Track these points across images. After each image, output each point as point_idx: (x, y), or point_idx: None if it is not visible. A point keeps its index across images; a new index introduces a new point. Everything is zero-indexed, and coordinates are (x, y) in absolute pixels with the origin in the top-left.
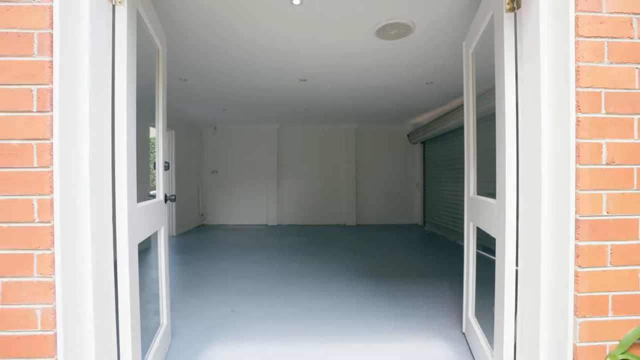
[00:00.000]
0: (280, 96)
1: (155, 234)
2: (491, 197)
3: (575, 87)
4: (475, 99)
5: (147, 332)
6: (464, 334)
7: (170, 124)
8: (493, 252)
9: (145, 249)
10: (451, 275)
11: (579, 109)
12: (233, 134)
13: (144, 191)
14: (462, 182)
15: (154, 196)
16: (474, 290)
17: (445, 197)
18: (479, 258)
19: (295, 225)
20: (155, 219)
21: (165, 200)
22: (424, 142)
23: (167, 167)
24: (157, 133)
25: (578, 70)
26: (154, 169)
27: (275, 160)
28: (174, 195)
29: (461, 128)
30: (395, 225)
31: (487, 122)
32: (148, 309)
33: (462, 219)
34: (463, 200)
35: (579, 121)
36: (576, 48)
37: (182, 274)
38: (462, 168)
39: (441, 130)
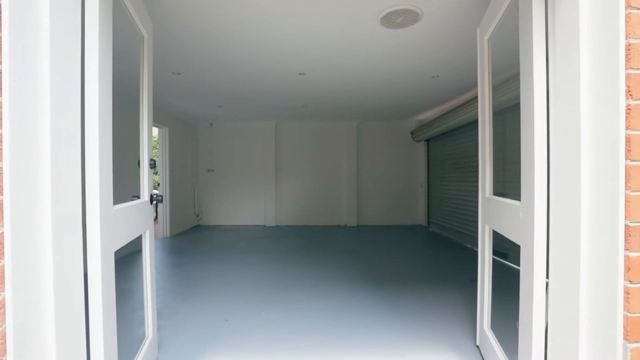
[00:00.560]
0: (278, 91)
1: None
2: (505, 198)
3: (625, 69)
4: (492, 91)
5: (133, 344)
6: (478, 347)
7: (164, 121)
8: (505, 256)
9: (137, 251)
10: (460, 280)
11: (630, 95)
12: (229, 131)
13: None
14: (470, 181)
15: (162, 197)
16: (489, 301)
17: (451, 197)
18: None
19: (293, 226)
20: (139, 221)
21: (152, 201)
22: (428, 140)
23: (152, 164)
24: (141, 127)
25: (629, 49)
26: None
27: (273, 159)
28: (161, 196)
29: (470, 124)
30: (398, 226)
31: (499, 116)
32: (136, 317)
33: (469, 220)
34: (470, 201)
35: (630, 109)
36: (627, 22)
37: (174, 278)
38: (470, 167)
39: (447, 126)
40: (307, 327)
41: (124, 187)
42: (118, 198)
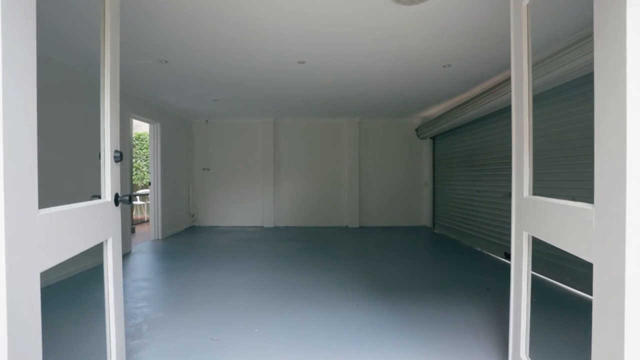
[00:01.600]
0: (276, 82)
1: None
2: (557, 199)
3: None
4: (531, 69)
5: None
6: None
7: (155, 116)
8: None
9: (126, 254)
10: (476, 290)
11: None
12: (226, 127)
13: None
14: (481, 180)
15: (129, 197)
16: (527, 324)
17: (459, 197)
18: (502, 268)
19: (293, 227)
20: (95, 228)
21: (117, 202)
22: (433, 138)
23: (118, 157)
24: (102, 109)
25: None
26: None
27: (271, 157)
28: (128, 196)
29: (482, 119)
30: (402, 227)
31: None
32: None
33: (480, 222)
34: (481, 201)
35: None
36: None
37: (162, 286)
38: (482, 165)
39: (456, 122)
40: (306, 349)
41: (90, 185)
42: (76, 198)
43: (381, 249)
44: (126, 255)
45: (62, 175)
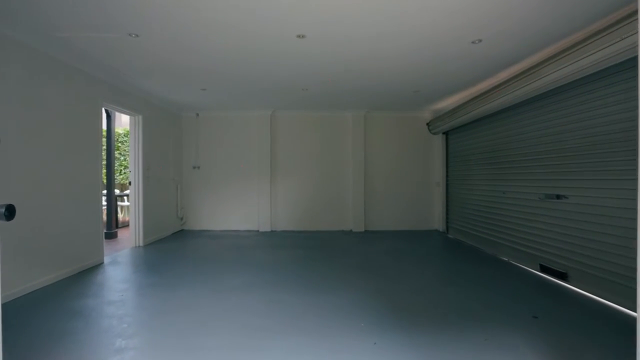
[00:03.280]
0: (271, 65)
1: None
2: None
3: None
4: None
5: None
6: None
7: (135, 106)
8: (563, 277)
9: (95, 266)
10: (520, 317)
11: None
12: (218, 121)
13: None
14: (508, 179)
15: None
16: None
17: (478, 199)
18: (541, 285)
19: (291, 232)
20: None
21: None
22: (446, 133)
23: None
24: None
25: None
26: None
27: (268, 154)
28: (4, 206)
29: (511, 109)
30: (412, 231)
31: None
32: None
33: (505, 227)
34: (509, 204)
35: None
36: None
37: (128, 310)
38: (509, 162)
39: (478, 113)
40: None
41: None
42: None
43: (391, 259)
44: (94, 267)
45: None
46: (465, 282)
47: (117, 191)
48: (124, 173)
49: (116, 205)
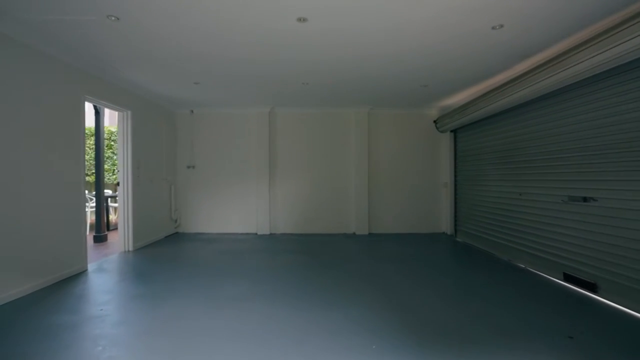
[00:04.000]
0: (269, 53)
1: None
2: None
3: None
4: None
5: None
6: None
7: (123, 101)
8: (593, 288)
9: (78, 274)
10: (555, 338)
11: None
12: (214, 119)
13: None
14: (525, 180)
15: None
16: None
17: (491, 200)
18: (570, 297)
19: (291, 235)
20: None
21: None
22: (455, 131)
23: None
24: None
25: None
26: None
27: (266, 153)
28: None
29: (530, 104)
30: (418, 234)
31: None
32: None
33: (525, 231)
34: (525, 206)
35: None
36: None
37: (105, 329)
38: (527, 162)
39: (492, 109)
40: None
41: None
42: None
43: (398, 266)
44: (76, 276)
45: None
46: (484, 291)
47: (109, 192)
48: (118, 172)
49: (107, 207)
